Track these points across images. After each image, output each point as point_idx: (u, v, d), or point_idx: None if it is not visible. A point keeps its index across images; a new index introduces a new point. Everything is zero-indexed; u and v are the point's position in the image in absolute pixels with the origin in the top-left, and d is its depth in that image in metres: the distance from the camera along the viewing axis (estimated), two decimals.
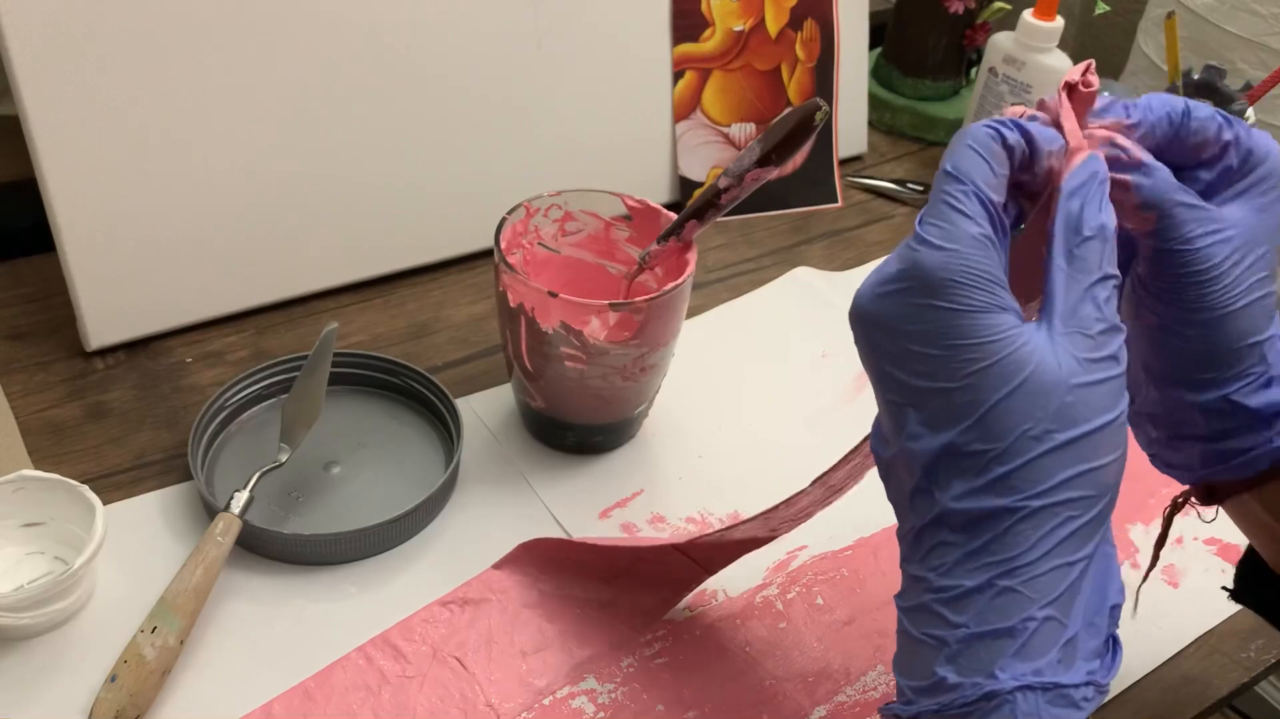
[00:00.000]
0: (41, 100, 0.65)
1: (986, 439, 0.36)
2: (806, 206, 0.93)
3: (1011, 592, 0.36)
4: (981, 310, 0.37)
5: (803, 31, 0.91)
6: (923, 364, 0.37)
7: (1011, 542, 0.36)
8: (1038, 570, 0.36)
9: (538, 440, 0.69)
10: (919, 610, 0.38)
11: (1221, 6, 1.39)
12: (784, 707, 0.56)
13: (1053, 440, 0.36)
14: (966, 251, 0.37)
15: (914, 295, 0.37)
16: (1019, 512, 0.36)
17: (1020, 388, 0.36)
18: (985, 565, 0.37)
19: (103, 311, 0.70)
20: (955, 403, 0.37)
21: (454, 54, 0.77)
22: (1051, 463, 0.36)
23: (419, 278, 0.81)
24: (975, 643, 0.37)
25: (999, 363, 0.36)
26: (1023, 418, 0.36)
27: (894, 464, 0.39)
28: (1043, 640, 0.36)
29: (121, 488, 0.63)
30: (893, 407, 0.39)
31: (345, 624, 0.58)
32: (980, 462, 0.36)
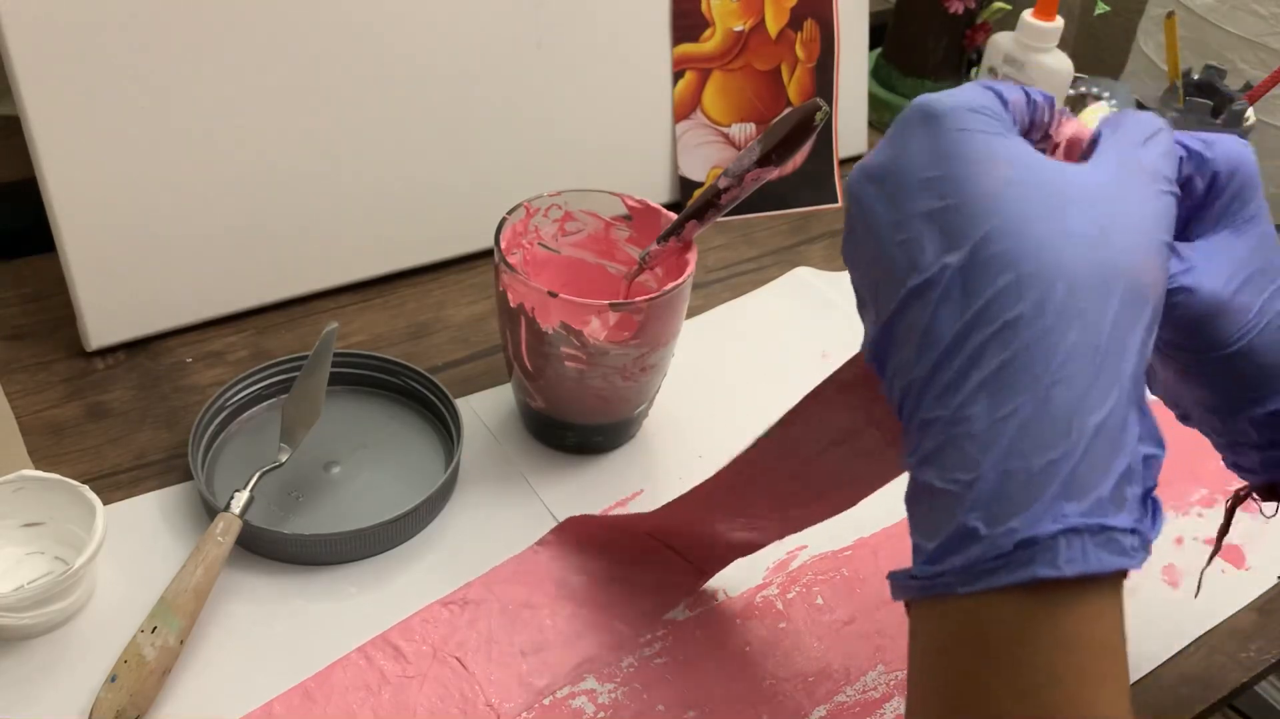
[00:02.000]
0: (41, 100, 0.65)
1: (1002, 246, 0.32)
2: (806, 206, 0.93)
3: (1049, 415, 0.32)
4: (991, 132, 0.34)
5: (803, 31, 0.91)
6: (931, 188, 0.34)
7: (1043, 354, 0.32)
8: (1077, 388, 0.32)
9: (538, 440, 0.69)
10: (938, 455, 0.33)
11: (1221, 6, 1.39)
12: (784, 707, 0.56)
13: (1084, 238, 0.33)
14: (973, 92, 0.36)
15: (916, 127, 0.35)
16: (1045, 309, 0.32)
17: (1043, 198, 0.33)
18: (1015, 385, 0.32)
19: (103, 311, 0.70)
20: (970, 213, 0.33)
21: (454, 54, 0.77)
22: (1083, 258, 0.32)
23: (419, 278, 0.81)
24: (1009, 481, 0.32)
25: (1019, 178, 0.33)
26: (1046, 223, 0.33)
27: (895, 322, 0.35)
28: (1089, 474, 0.31)
29: (121, 488, 0.64)
30: (893, 256, 0.35)
31: (345, 624, 0.58)
32: (1002, 264, 0.32)
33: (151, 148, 0.69)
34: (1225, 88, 0.88)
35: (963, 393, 0.33)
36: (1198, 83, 0.89)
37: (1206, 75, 0.89)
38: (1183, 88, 0.87)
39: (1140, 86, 1.53)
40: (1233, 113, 0.85)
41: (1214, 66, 0.89)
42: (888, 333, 0.36)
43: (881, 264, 0.36)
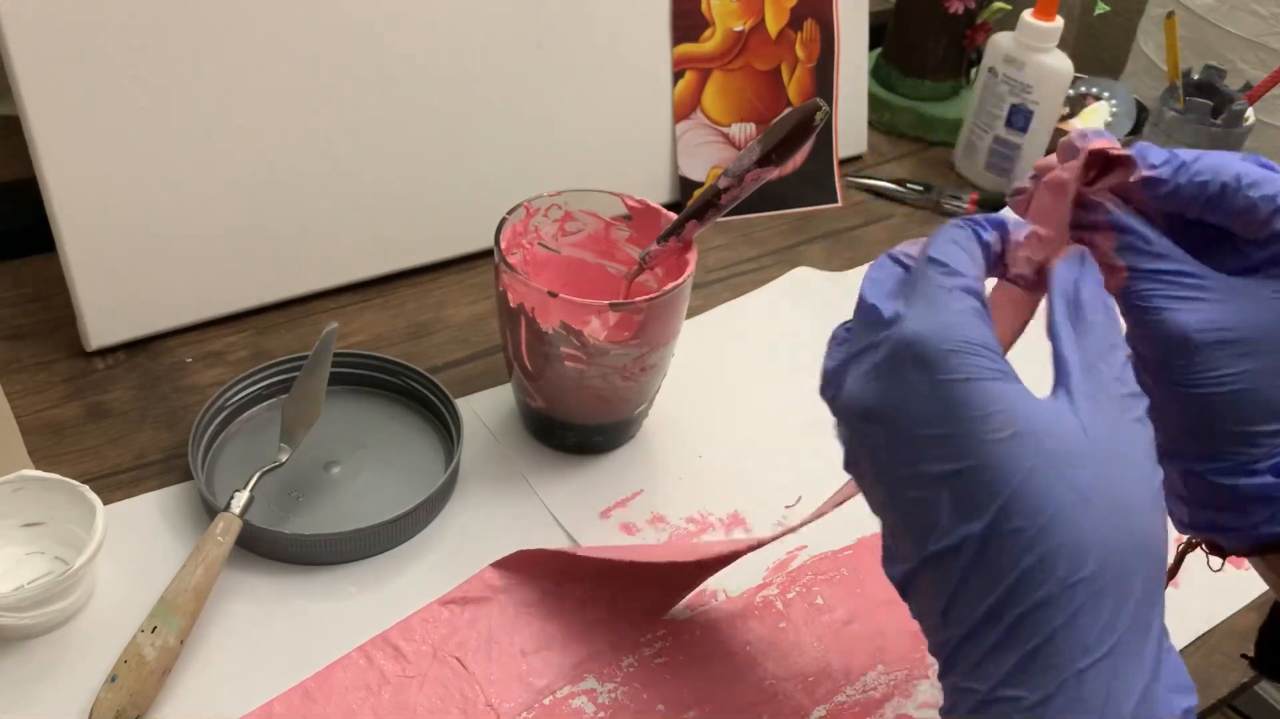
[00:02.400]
0: (41, 100, 0.65)
1: (1026, 514, 0.32)
2: (806, 206, 0.93)
3: (1084, 699, 0.32)
4: (991, 379, 0.33)
5: (803, 31, 0.91)
6: (937, 447, 0.33)
7: (1076, 637, 0.32)
8: (1108, 669, 0.32)
9: (538, 440, 0.69)
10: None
11: (1221, 6, 1.39)
12: (784, 707, 0.56)
13: (1096, 509, 0.32)
14: (957, 319, 0.34)
15: (910, 370, 0.34)
16: (1078, 592, 0.32)
17: (1052, 455, 0.32)
18: (1050, 669, 0.32)
19: (103, 311, 0.70)
20: (984, 480, 0.33)
21: (454, 54, 0.77)
22: (1106, 531, 0.32)
23: (419, 278, 0.81)
24: None
25: (1024, 431, 0.32)
26: (1060, 487, 0.32)
27: (919, 574, 0.35)
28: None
29: (122, 488, 0.64)
30: (907, 510, 0.35)
31: (345, 624, 0.58)
32: (1024, 540, 0.32)
33: (151, 148, 0.69)
34: (1225, 88, 0.88)
35: (998, 673, 0.33)
36: (1198, 83, 0.89)
37: (1206, 75, 0.89)
38: (1183, 88, 0.87)
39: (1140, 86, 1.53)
40: (1232, 113, 0.85)
41: (1214, 66, 0.89)
42: (911, 582, 0.36)
43: (897, 510, 0.35)
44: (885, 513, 0.36)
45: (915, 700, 0.57)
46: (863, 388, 0.35)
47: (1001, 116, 0.94)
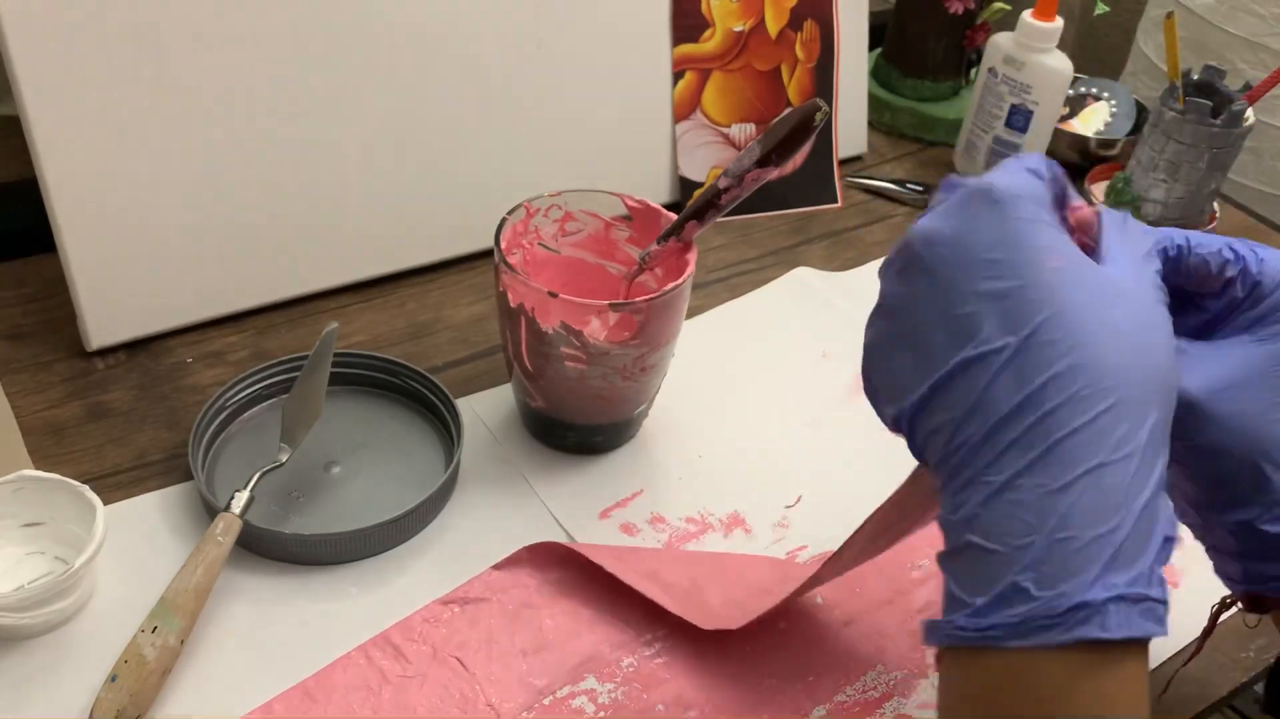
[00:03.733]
0: (41, 100, 0.65)
1: (1064, 329, 0.36)
2: (806, 206, 0.93)
3: (1098, 492, 0.35)
4: (1049, 225, 0.38)
5: (802, 32, 0.91)
6: (993, 268, 0.37)
7: (1092, 436, 0.35)
8: (1128, 469, 0.35)
9: (538, 440, 0.69)
10: (985, 517, 0.36)
11: (1221, 7, 1.39)
12: (784, 707, 0.56)
13: (1124, 340, 0.36)
14: (1031, 182, 0.39)
15: (983, 206, 0.38)
16: (1094, 402, 0.35)
17: (1092, 292, 0.36)
18: (1067, 462, 0.35)
19: (103, 311, 0.70)
20: (1031, 298, 0.36)
21: (454, 54, 0.77)
22: (1132, 360, 0.36)
23: (419, 278, 0.81)
24: (1062, 548, 0.34)
25: (1071, 266, 0.37)
26: (1096, 317, 0.36)
27: (946, 383, 0.38)
28: (1133, 549, 0.35)
29: (122, 488, 0.64)
30: (948, 327, 0.38)
31: (345, 624, 0.58)
32: (1058, 350, 0.35)
33: (151, 148, 0.69)
34: (1225, 88, 0.88)
35: (1017, 463, 0.36)
36: (1197, 83, 0.89)
37: (1206, 75, 0.89)
38: (1182, 88, 0.87)
39: (1140, 87, 1.53)
40: (1232, 113, 0.85)
41: (1214, 67, 0.89)
42: (936, 391, 0.38)
43: (936, 328, 0.38)
44: (920, 333, 0.39)
45: (915, 700, 0.57)
46: (937, 219, 0.39)
47: (1001, 117, 0.94)
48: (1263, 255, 0.45)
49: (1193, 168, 0.87)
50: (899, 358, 0.40)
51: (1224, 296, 0.45)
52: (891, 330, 0.40)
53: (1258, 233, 0.99)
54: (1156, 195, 0.89)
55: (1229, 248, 0.44)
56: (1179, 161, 0.87)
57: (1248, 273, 0.44)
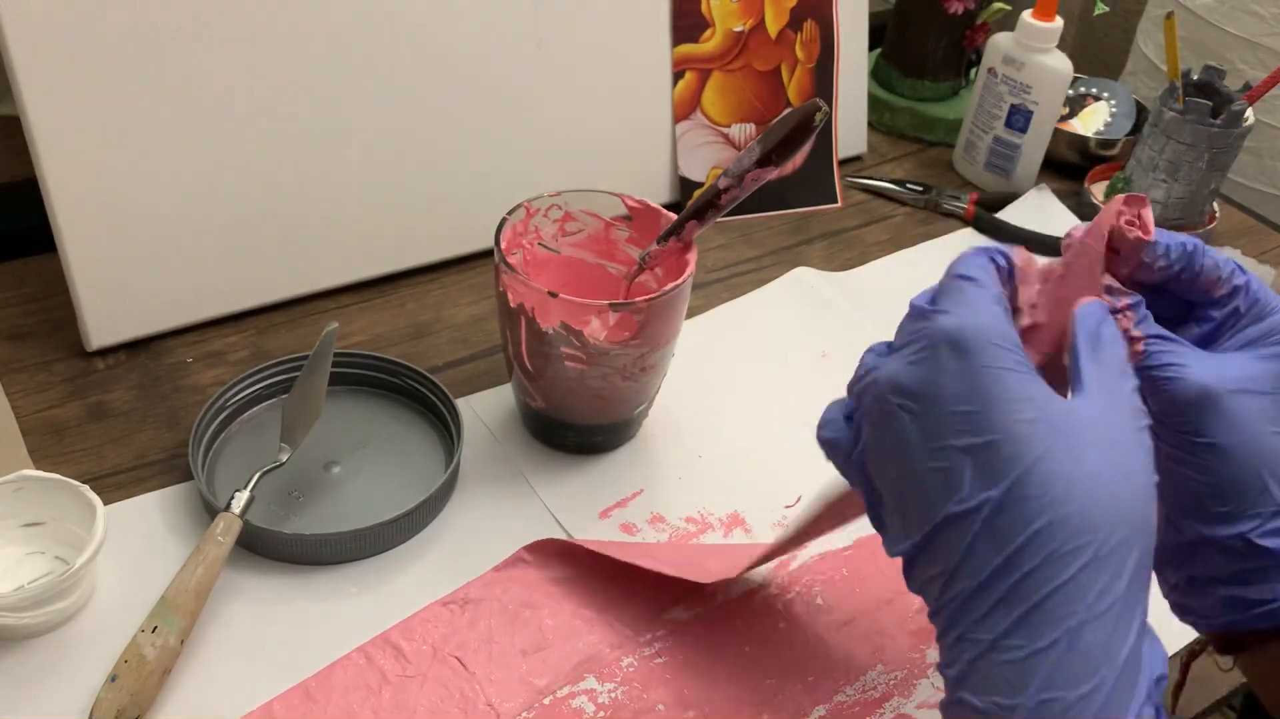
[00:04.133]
0: (41, 100, 0.65)
1: (1041, 484, 0.36)
2: (806, 207, 0.93)
3: (1079, 651, 0.35)
4: (1017, 370, 0.37)
5: (802, 32, 0.91)
6: (966, 423, 0.37)
7: (1072, 592, 0.35)
8: (1107, 624, 0.35)
9: (538, 440, 0.69)
10: (974, 675, 0.37)
11: (1221, 7, 1.39)
12: (784, 707, 0.56)
13: (1103, 487, 0.36)
14: (993, 322, 0.38)
15: (949, 356, 0.37)
16: (1073, 559, 0.35)
17: (1067, 440, 0.36)
18: (1048, 622, 0.35)
19: (103, 311, 0.71)
20: (1006, 453, 0.36)
21: (454, 54, 0.77)
22: (1109, 507, 0.36)
23: (419, 278, 0.81)
24: (1046, 709, 0.35)
25: (1044, 418, 0.36)
26: (1072, 466, 0.36)
27: (933, 539, 0.38)
28: (1117, 704, 0.35)
29: (122, 488, 0.64)
30: (926, 481, 0.38)
31: (345, 624, 0.58)
32: (1035, 508, 0.35)
33: (151, 148, 0.69)
34: (1224, 88, 0.88)
35: (1002, 622, 0.36)
36: (1197, 83, 0.89)
37: (1206, 75, 0.89)
38: (1182, 88, 0.87)
39: (1140, 87, 1.53)
40: (1232, 113, 0.85)
41: (1213, 67, 0.89)
42: (924, 546, 0.38)
43: (915, 482, 0.39)
44: (901, 486, 0.39)
45: (915, 700, 0.57)
46: (902, 369, 0.39)
47: (1001, 117, 0.94)
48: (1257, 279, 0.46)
49: (1192, 168, 0.87)
50: (889, 501, 0.40)
51: (1227, 306, 0.45)
52: (878, 475, 0.41)
53: (1258, 233, 0.99)
54: (1156, 195, 0.89)
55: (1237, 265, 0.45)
56: (1179, 162, 0.87)
57: (1250, 287, 0.45)
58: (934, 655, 0.59)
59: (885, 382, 0.39)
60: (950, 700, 0.38)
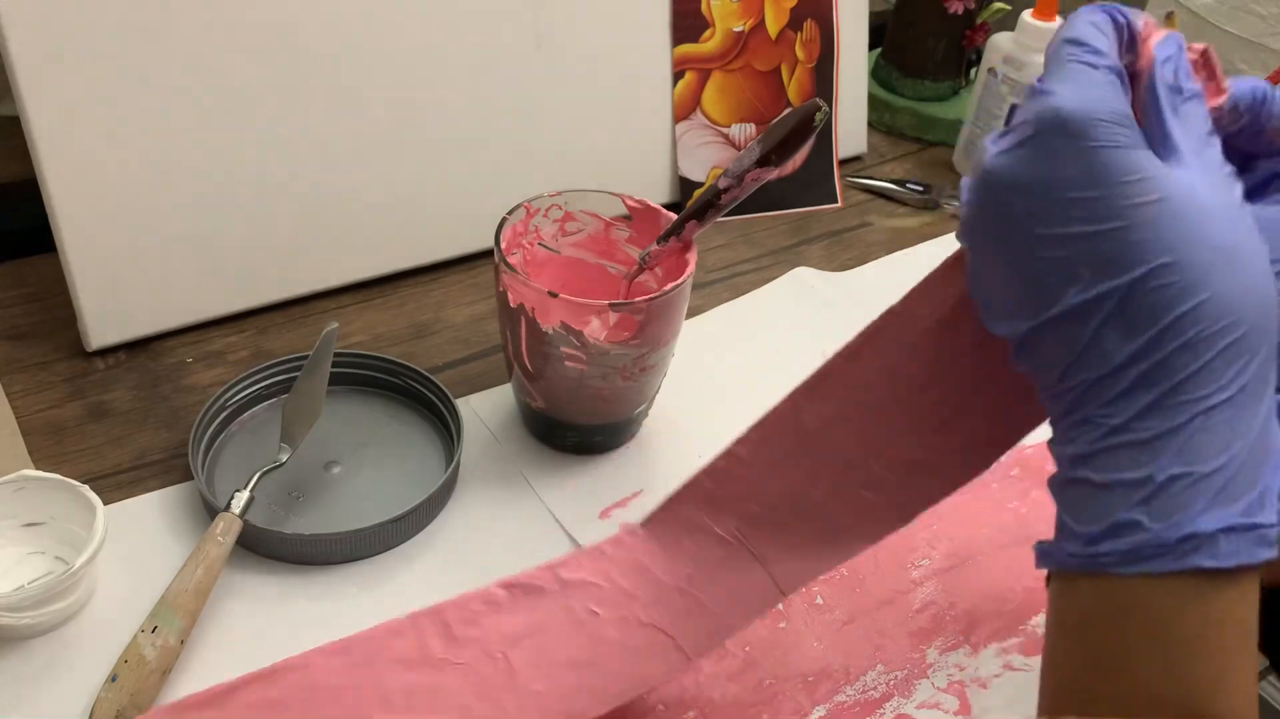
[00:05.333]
0: (41, 100, 0.65)
1: (1177, 270, 0.35)
2: (806, 207, 0.93)
3: (1210, 429, 0.35)
4: (1133, 147, 0.36)
5: (802, 32, 0.91)
6: (1083, 209, 0.36)
7: (1206, 376, 0.35)
8: (1240, 404, 0.35)
9: (538, 440, 0.69)
10: (1098, 455, 0.37)
11: (1221, 7, 1.39)
12: (784, 707, 0.56)
13: (1236, 268, 0.35)
14: (1104, 93, 0.36)
15: (1058, 139, 0.36)
16: (1212, 343, 0.35)
17: (1196, 219, 0.35)
18: (1182, 404, 0.35)
19: (103, 311, 0.70)
20: (1132, 240, 0.35)
21: (454, 54, 0.77)
22: (1231, 294, 0.35)
23: (419, 278, 0.81)
24: (1174, 484, 0.35)
25: (1168, 196, 0.35)
26: (1205, 249, 0.35)
27: (1047, 329, 0.37)
28: (1244, 479, 0.35)
29: (122, 488, 0.64)
30: (1041, 270, 0.37)
31: (345, 624, 0.57)
32: (1166, 296, 0.35)
33: (151, 148, 0.69)
34: None
35: (1133, 407, 0.36)
36: None
37: None
38: None
39: None
40: None
41: None
42: (1043, 330, 0.38)
43: (1029, 271, 0.38)
44: (1010, 273, 0.38)
45: (915, 700, 0.57)
46: (1013, 160, 0.37)
47: (1001, 116, 0.94)
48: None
49: None
50: (999, 288, 0.39)
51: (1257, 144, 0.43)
52: (988, 261, 0.39)
53: None
54: None
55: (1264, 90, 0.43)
56: None
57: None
58: (934, 656, 0.59)
59: (994, 176, 0.38)
60: (1065, 478, 0.38)
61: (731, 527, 0.54)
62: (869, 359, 0.49)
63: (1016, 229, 0.37)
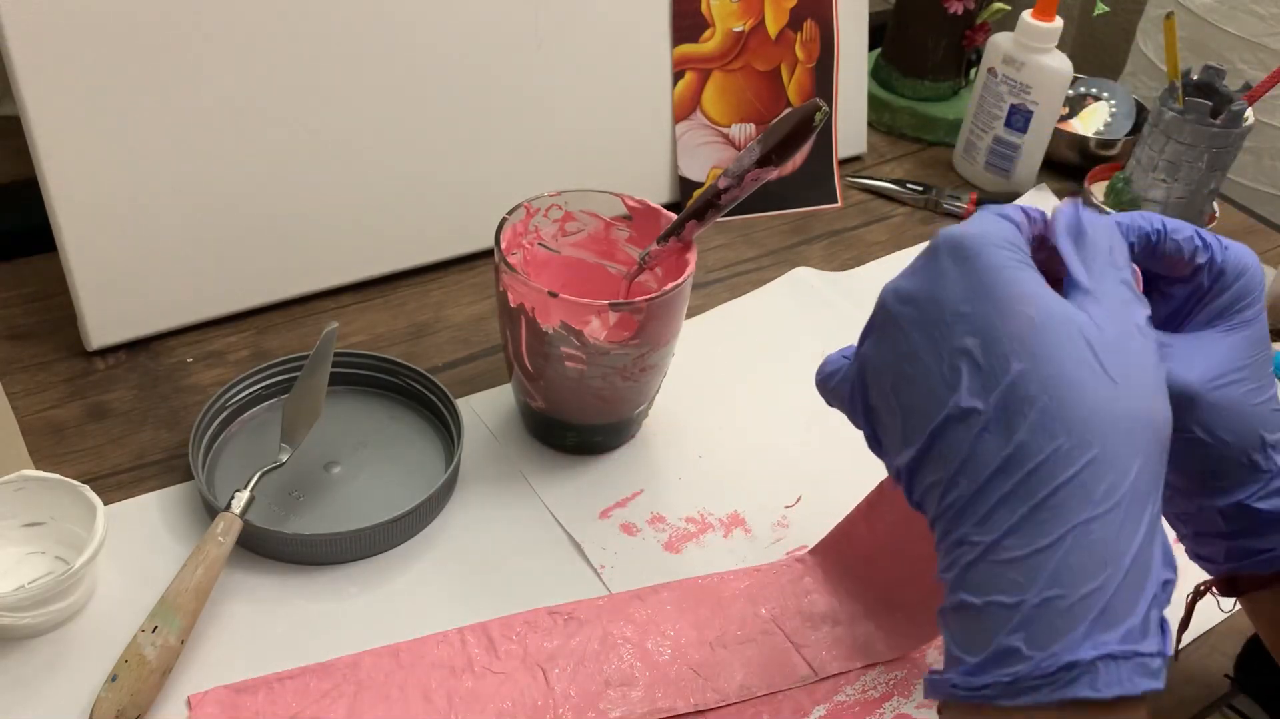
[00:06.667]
0: (41, 100, 0.65)
1: (1042, 383, 0.35)
2: (806, 207, 0.93)
3: (1088, 548, 0.34)
4: (1018, 268, 0.37)
5: (802, 32, 0.91)
6: (966, 323, 0.37)
7: (1076, 492, 0.35)
8: (1113, 521, 0.34)
9: (538, 440, 0.69)
10: (974, 575, 0.36)
11: (1221, 7, 1.39)
12: (784, 707, 0.56)
13: (1104, 383, 0.35)
14: (1001, 227, 0.39)
15: (951, 258, 0.38)
16: (1086, 451, 0.35)
17: (1068, 337, 0.36)
18: (1056, 519, 0.35)
19: (103, 311, 0.71)
20: (1004, 351, 0.36)
21: (454, 54, 0.77)
22: (1113, 404, 0.35)
23: (419, 278, 0.81)
24: (1049, 607, 0.34)
25: (1044, 312, 0.36)
26: (1073, 363, 0.35)
27: (934, 443, 0.38)
28: (1123, 602, 0.34)
29: (122, 488, 0.64)
30: (928, 384, 0.38)
31: (345, 624, 0.58)
32: (1036, 406, 0.35)
33: (152, 148, 0.69)
34: (1224, 88, 0.88)
35: (1006, 521, 0.35)
36: (1197, 83, 0.89)
37: (1206, 76, 0.89)
38: (1182, 88, 0.87)
39: (1140, 86, 1.53)
40: (1232, 113, 0.85)
41: (1213, 67, 0.89)
42: (924, 453, 0.38)
43: (917, 385, 0.38)
44: (902, 394, 0.39)
45: (915, 700, 0.57)
46: (908, 277, 0.39)
47: (1001, 117, 0.94)
48: (1226, 244, 0.45)
49: (1192, 168, 0.87)
50: (888, 418, 0.40)
51: (1190, 283, 0.45)
52: (878, 390, 0.41)
53: (1257, 233, 0.99)
54: (1156, 195, 0.89)
55: (1198, 235, 0.45)
56: (1179, 162, 0.87)
57: (1214, 261, 0.45)
58: (934, 656, 0.59)
59: (889, 290, 0.40)
60: (948, 605, 0.38)
61: None
62: (893, 499, 0.55)
63: (910, 344, 0.38)
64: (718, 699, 0.56)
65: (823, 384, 0.45)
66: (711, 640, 0.58)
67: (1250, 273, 0.45)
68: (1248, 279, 0.45)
